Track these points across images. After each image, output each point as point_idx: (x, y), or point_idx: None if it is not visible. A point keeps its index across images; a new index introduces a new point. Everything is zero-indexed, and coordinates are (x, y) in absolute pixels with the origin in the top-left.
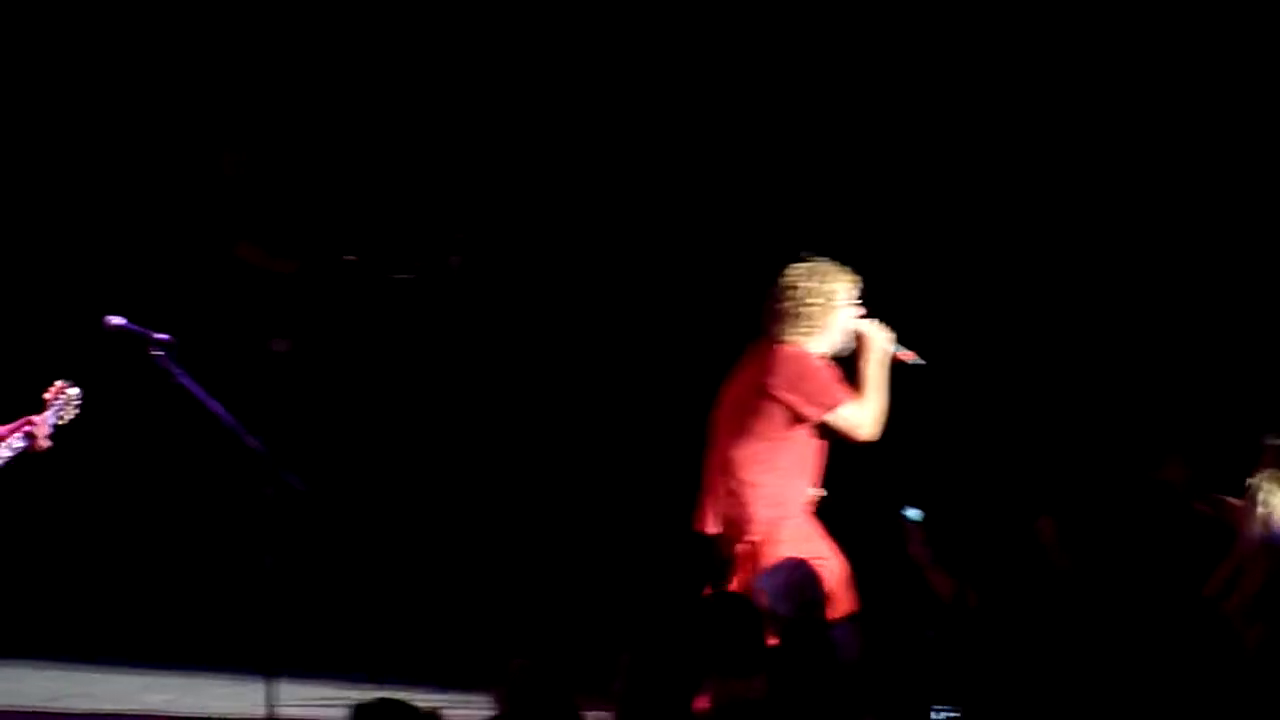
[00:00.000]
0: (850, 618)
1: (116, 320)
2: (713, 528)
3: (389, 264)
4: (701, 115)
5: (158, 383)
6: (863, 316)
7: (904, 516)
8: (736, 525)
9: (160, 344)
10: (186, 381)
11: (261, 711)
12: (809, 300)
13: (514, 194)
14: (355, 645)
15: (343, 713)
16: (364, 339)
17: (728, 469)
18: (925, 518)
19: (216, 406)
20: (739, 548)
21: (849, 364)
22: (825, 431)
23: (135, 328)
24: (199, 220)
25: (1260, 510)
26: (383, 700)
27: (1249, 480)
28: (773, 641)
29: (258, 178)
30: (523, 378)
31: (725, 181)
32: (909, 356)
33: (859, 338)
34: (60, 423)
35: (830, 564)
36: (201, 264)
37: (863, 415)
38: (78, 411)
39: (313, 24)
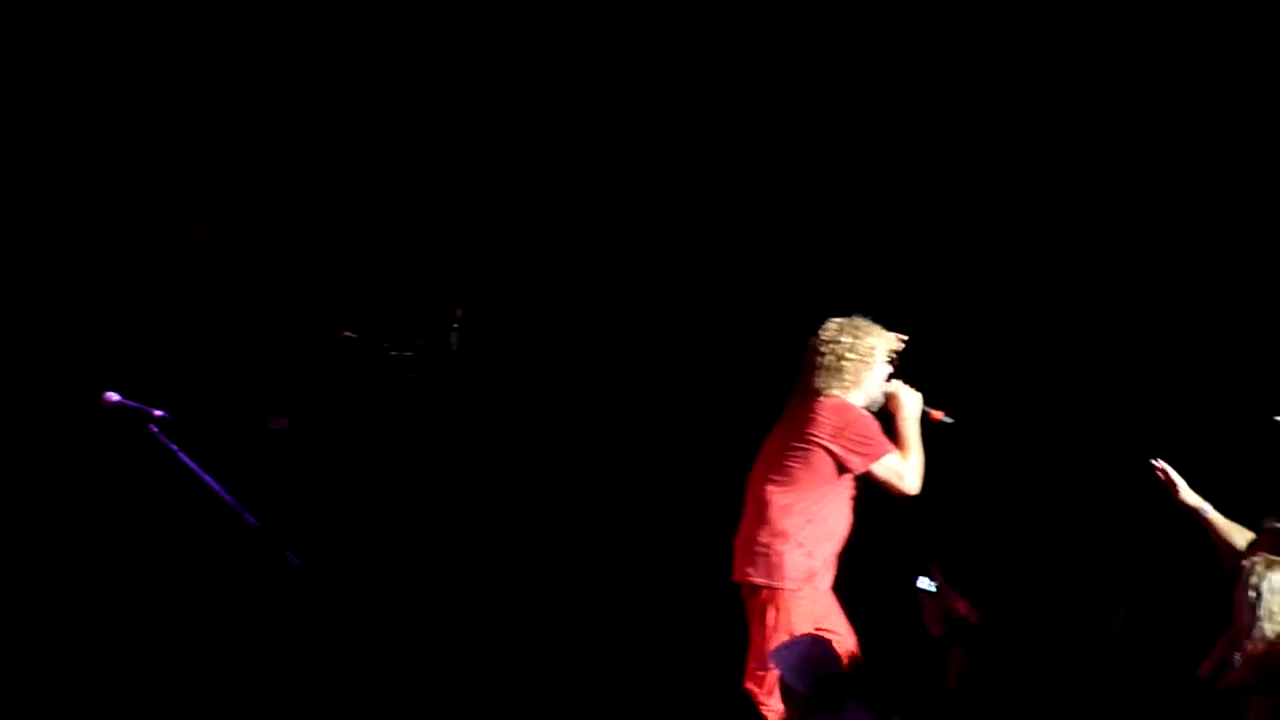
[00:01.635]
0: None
1: (114, 396)
2: (743, 576)
3: (388, 341)
4: (714, 171)
5: (155, 459)
6: (892, 376)
7: (918, 588)
8: (768, 573)
9: (157, 420)
10: (184, 458)
11: None
12: (849, 355)
13: (514, 269)
14: None
15: None
16: (363, 416)
17: (766, 519)
18: (939, 587)
19: (214, 483)
20: (765, 594)
21: (883, 421)
22: (865, 486)
23: (132, 404)
24: (183, 296)
25: (1250, 594)
26: None
27: (1243, 562)
28: (783, 712)
29: (242, 255)
30: (529, 449)
31: (745, 239)
32: (940, 415)
33: (891, 397)
34: None
35: (845, 639)
36: (201, 341)
37: (907, 467)
38: None
39: (298, 95)
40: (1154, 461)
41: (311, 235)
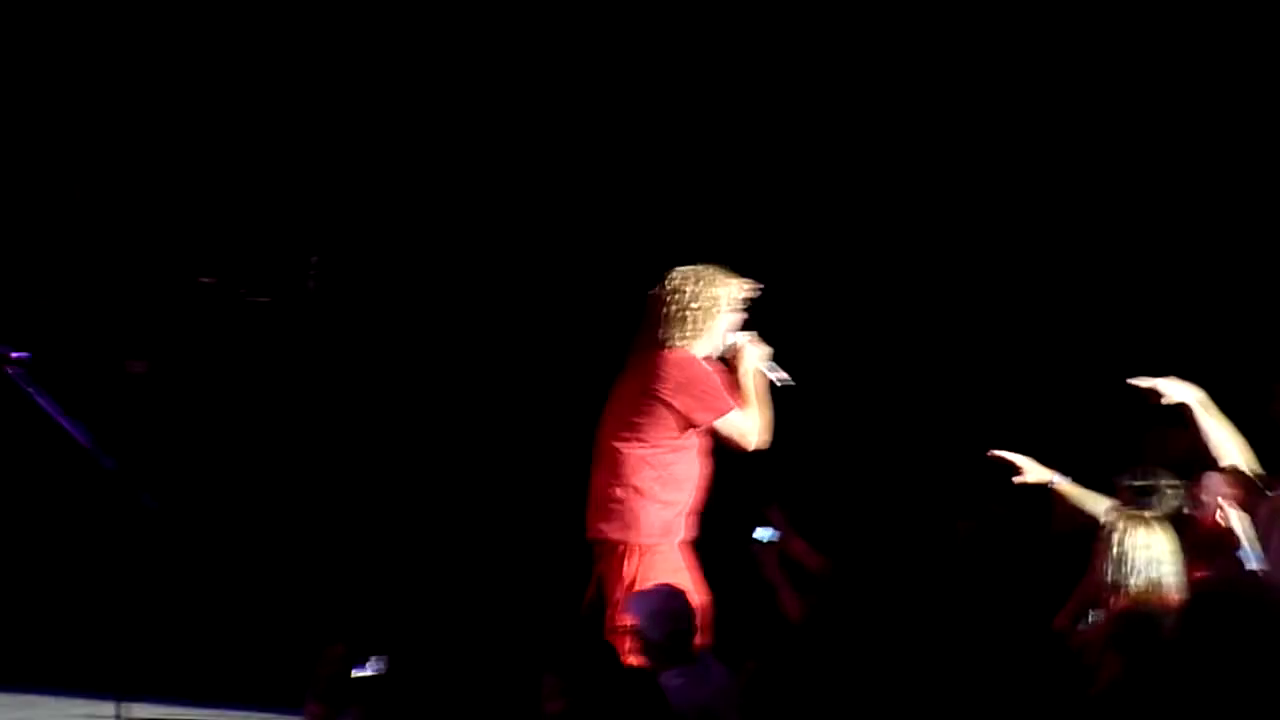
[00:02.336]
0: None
1: None
2: (597, 533)
3: (246, 286)
4: (566, 122)
5: (12, 400)
6: (739, 329)
7: (756, 539)
8: (624, 529)
9: (16, 362)
10: (41, 400)
11: None
12: (692, 305)
13: (370, 214)
14: (207, 665)
15: None
16: (220, 361)
17: (618, 475)
18: (778, 537)
19: (71, 425)
20: (622, 550)
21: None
22: (713, 441)
23: None
24: (56, 239)
25: (1115, 551)
26: None
27: (1103, 519)
28: (637, 662)
29: (100, 199)
30: (383, 397)
31: (592, 187)
32: (779, 375)
33: (735, 349)
34: None
35: (695, 594)
36: (57, 283)
37: (750, 423)
38: None
39: (164, 41)
40: (991, 453)
41: (169, 180)
